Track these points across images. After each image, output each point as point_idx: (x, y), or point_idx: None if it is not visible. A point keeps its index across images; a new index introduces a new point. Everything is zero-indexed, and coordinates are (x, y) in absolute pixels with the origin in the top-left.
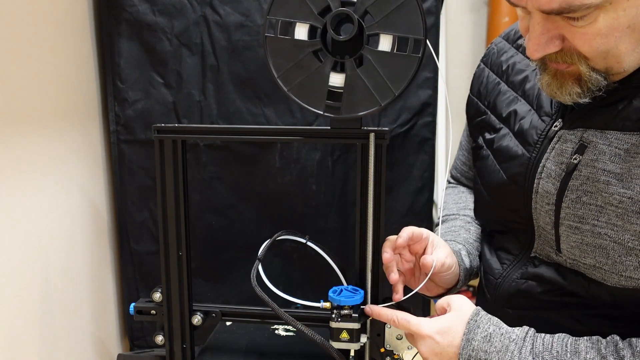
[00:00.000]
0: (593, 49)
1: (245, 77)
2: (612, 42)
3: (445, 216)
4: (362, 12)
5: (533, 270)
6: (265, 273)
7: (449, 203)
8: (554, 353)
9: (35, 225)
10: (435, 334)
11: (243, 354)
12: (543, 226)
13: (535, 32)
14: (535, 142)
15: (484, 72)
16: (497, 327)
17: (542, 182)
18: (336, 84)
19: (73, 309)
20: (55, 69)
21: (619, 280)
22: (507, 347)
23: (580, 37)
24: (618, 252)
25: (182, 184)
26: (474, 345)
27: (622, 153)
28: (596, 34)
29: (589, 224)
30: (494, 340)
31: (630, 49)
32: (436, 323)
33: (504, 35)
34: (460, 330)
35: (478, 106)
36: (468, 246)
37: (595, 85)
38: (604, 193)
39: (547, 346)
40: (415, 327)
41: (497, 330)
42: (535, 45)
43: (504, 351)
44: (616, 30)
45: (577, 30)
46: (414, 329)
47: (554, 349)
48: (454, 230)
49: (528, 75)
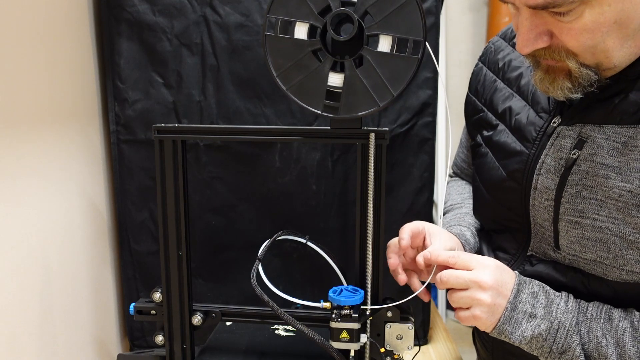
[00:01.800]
0: (580, 44)
1: (245, 77)
2: (599, 37)
3: (449, 206)
4: (362, 13)
5: (530, 269)
6: (265, 273)
7: (453, 194)
8: (588, 316)
9: (35, 225)
10: (499, 269)
11: (243, 354)
12: (541, 223)
13: (523, 28)
14: (534, 139)
15: (482, 70)
16: (541, 286)
17: (541, 177)
18: (335, 84)
19: (73, 309)
20: (55, 69)
21: (620, 275)
22: (552, 300)
23: (567, 33)
24: (619, 245)
25: (182, 184)
26: (522, 297)
27: (620, 146)
28: (582, 29)
29: (589, 218)
30: (540, 297)
31: (618, 45)
32: (497, 262)
33: (501, 34)
34: (512, 278)
35: (475, 104)
36: (473, 229)
37: (586, 80)
38: (603, 187)
39: (583, 309)
40: (477, 261)
41: (542, 289)
42: (524, 41)
43: (550, 304)
44: (602, 26)
45: (564, 25)
46: (474, 263)
47: (589, 312)
48: (459, 217)
49: (523, 72)
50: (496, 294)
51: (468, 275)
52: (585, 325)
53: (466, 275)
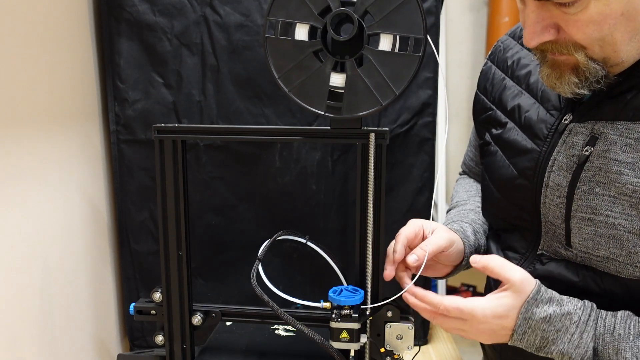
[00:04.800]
0: (587, 36)
1: (245, 77)
2: (606, 30)
3: (455, 202)
4: (362, 12)
5: (541, 268)
6: (265, 273)
7: (460, 191)
8: (615, 336)
9: (35, 225)
10: (492, 319)
11: (243, 354)
12: (552, 221)
13: (530, 21)
14: (545, 136)
15: (491, 69)
16: (559, 306)
17: (553, 175)
18: (337, 84)
19: (73, 309)
20: (55, 69)
21: (633, 272)
22: (567, 328)
23: (573, 25)
24: (632, 242)
25: (182, 184)
26: (531, 324)
27: (633, 142)
28: (589, 21)
29: (602, 215)
30: (554, 321)
31: (626, 38)
32: (492, 306)
33: (510, 33)
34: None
35: (484, 103)
36: (475, 225)
37: (594, 75)
38: (616, 183)
39: (609, 328)
40: (469, 314)
41: (558, 311)
42: (530, 34)
43: (564, 332)
44: (609, 17)
45: (570, 17)
46: (467, 317)
47: (615, 331)
48: (463, 213)
49: (532, 69)
50: (494, 338)
51: (462, 328)
52: (614, 347)
53: (460, 327)
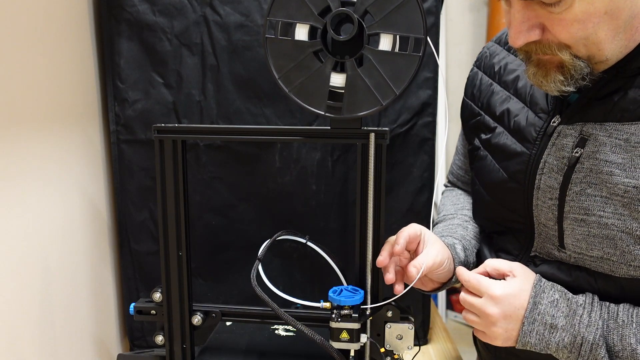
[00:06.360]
0: (571, 36)
1: (245, 77)
2: (591, 28)
3: (442, 216)
4: (362, 12)
5: (535, 270)
6: (265, 273)
7: (447, 205)
8: (619, 322)
9: (35, 225)
10: (504, 297)
11: (243, 354)
12: (544, 223)
13: (516, 21)
14: (534, 139)
15: (477, 75)
16: (563, 293)
17: (544, 177)
18: (337, 84)
19: (73, 309)
20: (55, 69)
21: (627, 271)
22: (574, 311)
23: (558, 24)
24: (626, 241)
25: (182, 184)
26: (540, 309)
27: (623, 143)
28: (573, 20)
29: (595, 215)
30: (561, 305)
31: (610, 36)
32: (506, 285)
33: (496, 39)
34: (527, 294)
35: (472, 108)
36: (464, 242)
37: (579, 72)
38: (608, 184)
39: (613, 314)
40: (486, 287)
41: (563, 296)
42: (516, 33)
43: (572, 315)
44: (593, 16)
45: (554, 17)
46: (484, 290)
47: (619, 317)
48: (451, 228)
49: (520, 74)
50: (506, 323)
51: (478, 305)
52: (618, 333)
53: (476, 304)
